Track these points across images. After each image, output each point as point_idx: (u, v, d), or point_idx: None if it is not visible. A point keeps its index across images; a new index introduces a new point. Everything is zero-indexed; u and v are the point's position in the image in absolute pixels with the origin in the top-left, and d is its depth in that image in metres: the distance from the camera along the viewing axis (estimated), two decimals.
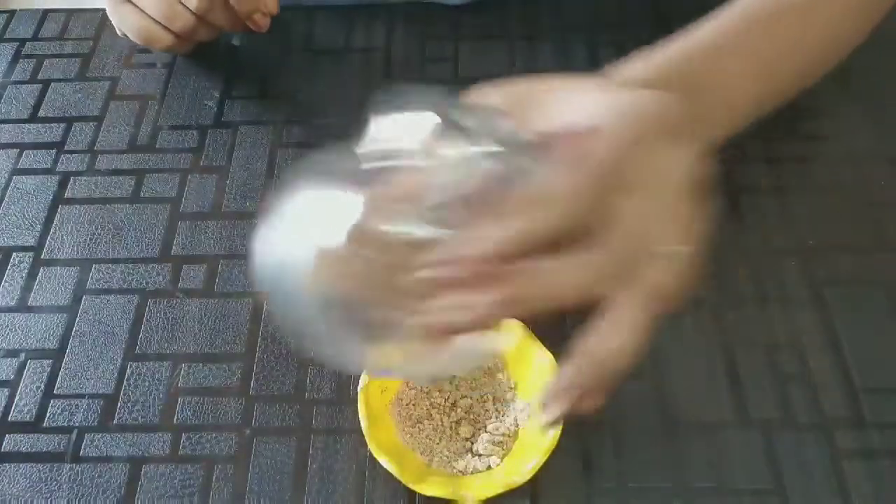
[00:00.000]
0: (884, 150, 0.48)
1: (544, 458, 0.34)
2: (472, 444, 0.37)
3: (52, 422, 0.40)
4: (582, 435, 0.38)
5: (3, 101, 0.54)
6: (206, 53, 0.55)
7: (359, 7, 0.57)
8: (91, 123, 0.52)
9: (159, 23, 0.48)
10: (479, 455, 0.36)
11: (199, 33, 0.50)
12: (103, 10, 0.58)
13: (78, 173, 0.50)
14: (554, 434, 0.34)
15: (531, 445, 0.36)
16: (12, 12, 0.59)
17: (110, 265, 0.45)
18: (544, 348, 0.37)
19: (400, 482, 0.35)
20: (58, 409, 0.40)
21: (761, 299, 0.42)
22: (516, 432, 0.37)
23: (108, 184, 0.49)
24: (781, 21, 0.39)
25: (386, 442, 0.36)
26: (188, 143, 0.51)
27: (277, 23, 0.57)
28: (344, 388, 0.40)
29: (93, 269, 0.45)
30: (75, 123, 0.52)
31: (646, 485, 0.37)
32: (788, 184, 0.47)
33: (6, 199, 0.49)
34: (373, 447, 0.35)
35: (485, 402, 0.38)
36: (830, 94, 0.50)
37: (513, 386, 0.38)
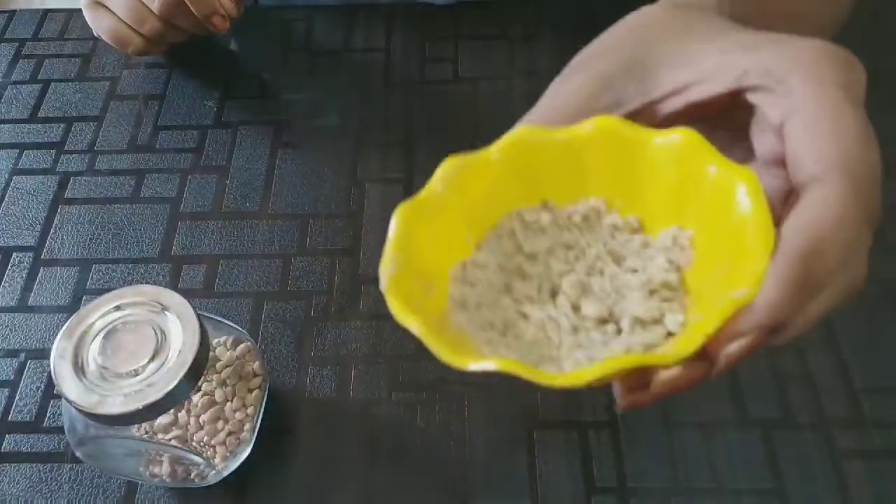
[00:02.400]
0: (883, 151, 0.48)
1: (766, 262, 0.20)
2: (619, 322, 0.22)
3: (52, 422, 0.40)
4: (582, 435, 0.38)
5: (3, 101, 0.54)
6: (207, 54, 0.55)
7: (359, 7, 0.57)
8: (91, 123, 0.52)
9: (130, 26, 0.50)
10: (642, 325, 0.22)
11: (167, 35, 0.51)
12: None
13: (78, 173, 0.50)
14: (764, 227, 0.20)
15: (718, 281, 0.21)
16: (12, 12, 0.59)
17: (110, 265, 0.45)
18: (652, 130, 0.23)
19: (531, 383, 0.20)
20: (58, 409, 0.40)
21: None
22: (682, 276, 0.22)
23: (108, 184, 0.49)
24: None
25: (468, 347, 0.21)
26: (188, 143, 0.51)
27: (277, 23, 0.57)
28: (344, 387, 0.40)
29: (93, 269, 0.45)
30: (75, 123, 0.52)
31: (646, 485, 0.37)
32: None
33: (6, 199, 0.49)
34: (444, 352, 0.20)
35: (602, 270, 0.23)
36: None
37: (636, 224, 0.24)
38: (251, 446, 0.37)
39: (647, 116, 0.25)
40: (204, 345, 0.32)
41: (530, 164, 0.23)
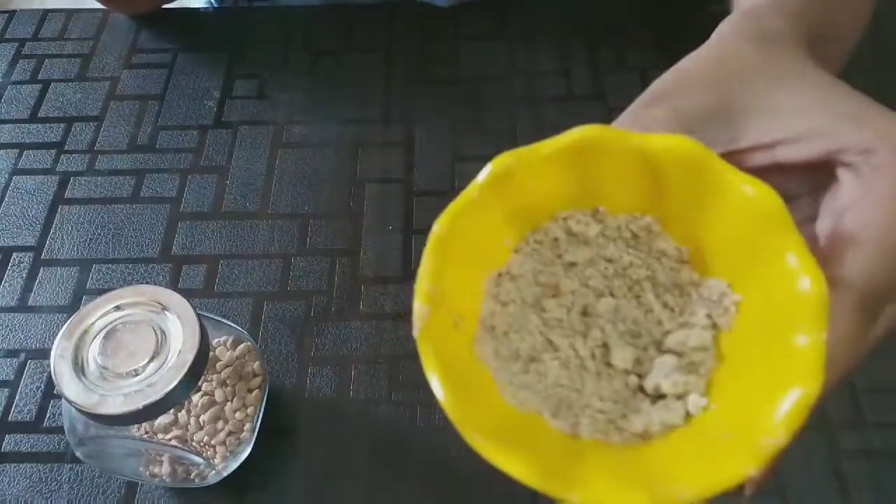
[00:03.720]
0: None
1: (814, 390, 0.18)
2: (643, 379, 0.21)
3: (52, 422, 0.40)
4: None
5: (3, 101, 0.54)
6: (207, 53, 0.55)
7: (359, 7, 0.57)
8: (91, 123, 0.52)
9: None
10: (662, 397, 0.20)
11: None
12: (103, 10, 0.58)
13: (78, 173, 0.50)
14: (816, 339, 0.18)
15: (758, 364, 0.19)
16: (12, 12, 0.59)
17: (110, 265, 0.45)
18: (749, 177, 0.20)
19: (531, 490, 0.18)
20: (58, 409, 0.40)
21: None
22: (716, 338, 0.21)
23: (108, 184, 0.49)
24: None
25: (489, 415, 0.19)
26: (188, 143, 0.51)
27: (277, 23, 0.57)
28: (344, 387, 0.40)
29: (93, 269, 0.45)
30: (75, 123, 0.52)
31: None
32: None
33: (6, 199, 0.49)
34: (468, 432, 0.18)
35: (642, 295, 0.22)
36: None
37: (686, 257, 0.22)
38: (251, 446, 0.37)
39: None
40: (204, 345, 0.32)
41: (592, 166, 0.21)
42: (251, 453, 0.37)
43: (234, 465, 0.37)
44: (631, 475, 0.18)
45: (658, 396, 0.20)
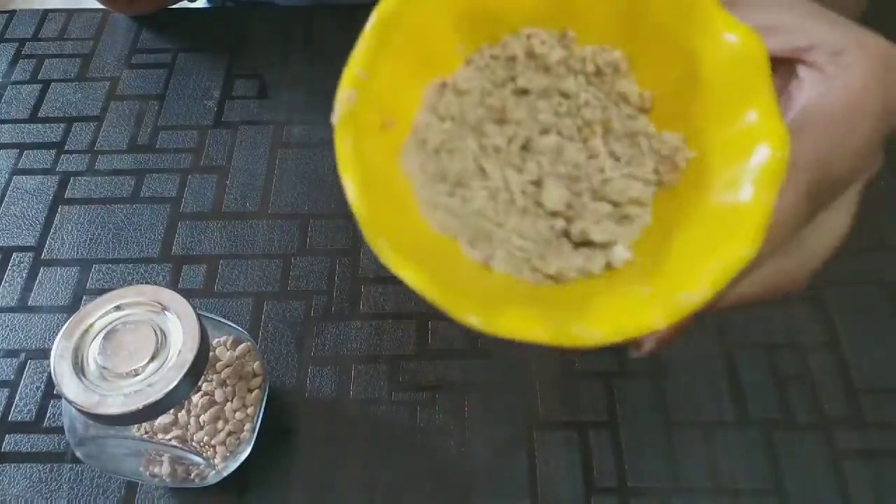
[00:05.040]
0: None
1: (748, 252, 0.17)
2: (570, 223, 0.19)
3: (52, 422, 0.40)
4: (582, 435, 0.38)
5: (3, 101, 0.54)
6: (207, 53, 0.55)
7: (359, 7, 0.57)
8: (91, 123, 0.52)
9: None
10: (588, 244, 0.19)
11: None
12: (103, 10, 0.58)
13: (78, 173, 0.50)
14: (762, 199, 0.17)
15: (697, 223, 0.18)
16: (12, 12, 0.59)
17: (110, 265, 0.45)
18: (731, 19, 0.19)
19: (440, 311, 0.17)
20: (58, 409, 0.40)
21: None
22: (658, 195, 0.20)
23: (108, 184, 0.49)
24: None
25: (399, 227, 0.18)
26: (188, 143, 0.51)
27: (277, 23, 0.57)
28: (344, 387, 0.40)
29: (93, 269, 0.45)
30: (75, 123, 0.52)
31: (646, 485, 0.37)
32: None
33: (6, 199, 0.49)
34: (375, 239, 0.18)
35: (590, 138, 0.20)
36: None
37: (648, 103, 0.21)
38: (251, 446, 0.37)
39: None
40: (204, 345, 0.32)
41: None
42: (251, 453, 0.37)
43: (234, 465, 0.37)
44: (535, 309, 0.17)
45: (581, 244, 0.19)
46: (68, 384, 0.31)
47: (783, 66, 0.23)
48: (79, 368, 0.31)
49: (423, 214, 0.19)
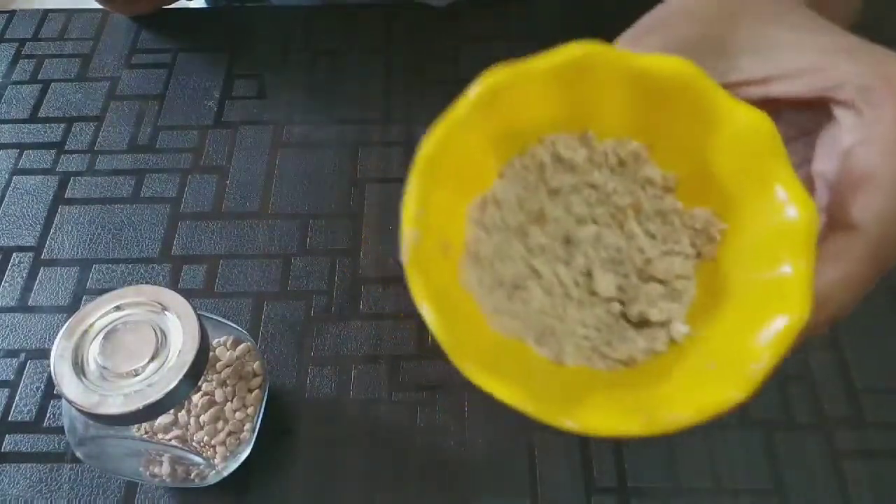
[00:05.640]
0: None
1: (800, 318, 0.18)
2: (626, 306, 0.20)
3: (52, 422, 0.40)
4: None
5: (3, 101, 0.54)
6: (207, 53, 0.55)
7: (359, 7, 0.57)
8: (91, 123, 0.52)
9: None
10: (647, 324, 0.20)
11: None
12: (103, 10, 0.58)
13: (78, 173, 0.50)
14: (803, 267, 0.18)
15: (745, 291, 0.19)
16: (12, 12, 0.59)
17: (110, 265, 0.45)
18: (739, 102, 0.20)
19: (527, 417, 0.19)
20: (58, 409, 0.40)
21: None
22: (700, 266, 0.20)
23: (108, 184, 0.49)
24: None
25: (478, 344, 0.19)
26: (188, 143, 0.51)
27: (277, 23, 0.57)
28: (344, 387, 0.40)
29: (93, 269, 0.45)
30: (75, 123, 0.52)
31: (646, 485, 0.37)
32: None
33: (6, 199, 0.49)
34: (461, 361, 0.19)
35: (625, 223, 0.21)
36: None
37: (672, 184, 0.22)
38: (251, 446, 0.37)
39: None
40: (204, 345, 0.32)
41: (584, 85, 0.20)
42: (251, 453, 0.37)
43: (234, 465, 0.37)
44: (623, 400, 0.18)
45: (641, 324, 0.20)
46: (68, 384, 0.31)
47: (816, 107, 0.23)
48: (79, 368, 0.31)
49: (490, 324, 0.19)
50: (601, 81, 0.21)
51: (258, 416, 0.37)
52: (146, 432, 0.34)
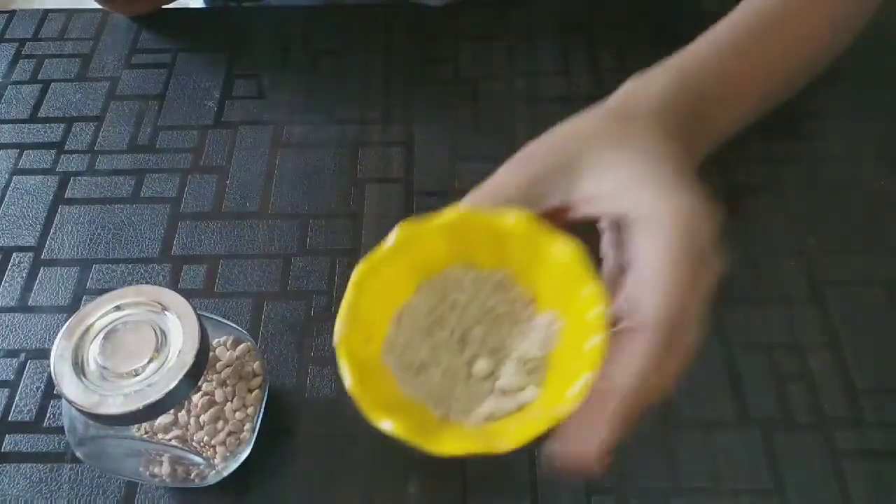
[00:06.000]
0: (884, 150, 0.48)
1: (593, 375, 0.26)
2: (496, 381, 0.29)
3: (52, 422, 0.40)
4: None
5: (3, 101, 0.54)
6: (207, 53, 0.55)
7: (359, 7, 0.57)
8: (91, 123, 0.52)
9: None
10: (508, 393, 0.29)
11: None
12: (103, 10, 0.58)
13: (78, 173, 0.50)
14: (598, 343, 0.27)
15: (568, 366, 0.28)
16: (12, 12, 0.59)
17: (110, 265, 0.45)
18: (562, 236, 0.29)
19: (413, 448, 0.27)
20: (58, 409, 0.40)
21: (761, 299, 0.42)
22: (547, 354, 0.29)
23: (108, 184, 0.49)
24: (783, 26, 0.39)
25: (383, 400, 0.28)
26: (188, 143, 0.51)
27: (277, 23, 0.57)
28: (344, 388, 0.40)
29: (93, 269, 0.45)
30: (75, 123, 0.52)
31: (646, 485, 0.37)
32: (788, 184, 0.47)
33: (6, 199, 0.49)
34: (367, 410, 0.27)
35: (500, 326, 0.30)
36: (830, 95, 0.50)
37: (531, 299, 0.31)
38: (251, 446, 0.37)
39: (563, 213, 0.30)
40: (204, 345, 0.32)
41: (467, 235, 0.30)
42: (251, 453, 0.37)
43: (234, 465, 0.37)
44: (473, 437, 0.27)
45: (505, 393, 0.29)
46: (68, 384, 0.31)
47: (622, 224, 0.29)
48: (79, 368, 0.31)
49: (401, 390, 0.29)
50: (475, 231, 0.30)
51: (258, 416, 0.37)
52: (146, 432, 0.34)
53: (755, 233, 0.45)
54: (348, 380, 0.27)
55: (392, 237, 0.29)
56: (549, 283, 0.30)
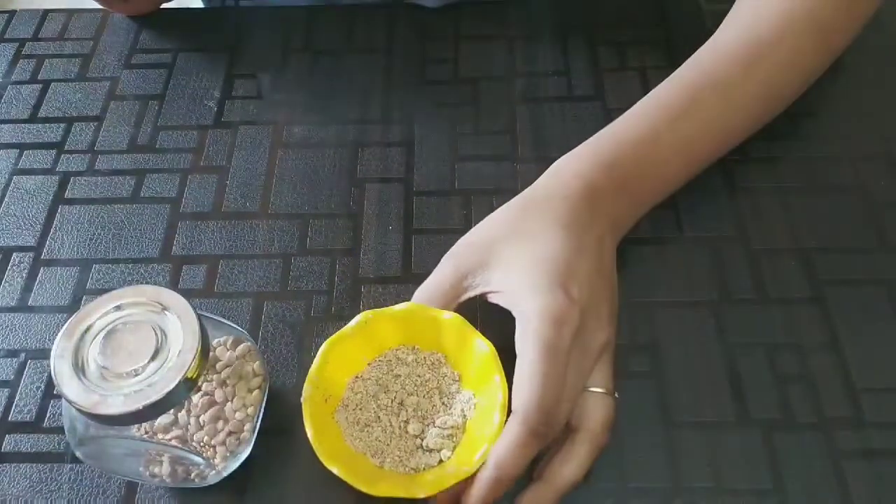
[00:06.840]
0: (884, 150, 0.48)
1: (491, 445, 0.34)
2: (423, 440, 0.36)
3: (52, 422, 0.40)
4: None
5: (3, 101, 0.54)
6: (207, 53, 0.55)
7: (359, 7, 0.57)
8: (91, 123, 0.52)
9: None
10: (430, 450, 0.36)
11: None
12: (103, 10, 0.58)
13: (78, 173, 0.50)
14: (500, 420, 0.34)
15: (478, 434, 0.36)
16: (12, 12, 0.59)
17: (110, 265, 0.45)
18: (483, 337, 0.37)
19: (353, 488, 0.33)
20: (58, 409, 0.40)
21: (761, 299, 0.42)
22: (464, 423, 0.37)
23: (108, 184, 0.49)
24: (703, 103, 0.42)
25: (335, 449, 0.35)
26: (188, 143, 0.51)
27: (277, 23, 0.57)
28: None
29: (93, 269, 0.45)
30: (75, 123, 0.52)
31: (646, 485, 0.37)
32: (788, 184, 0.47)
33: (6, 199, 0.49)
34: (322, 456, 0.34)
35: (431, 397, 0.37)
36: (830, 94, 0.50)
37: (457, 378, 0.38)
38: (251, 446, 0.37)
39: (482, 300, 0.37)
40: (204, 345, 0.32)
41: (413, 324, 0.38)
42: (251, 453, 0.37)
43: (234, 465, 0.37)
44: (401, 484, 0.35)
45: (429, 450, 0.36)
46: (68, 384, 0.31)
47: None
48: (79, 368, 0.31)
49: (347, 443, 0.36)
50: (420, 322, 0.38)
51: (258, 416, 0.37)
52: (146, 432, 0.34)
53: (755, 233, 0.45)
54: (310, 432, 0.34)
55: (355, 320, 0.37)
56: (471, 368, 0.37)
